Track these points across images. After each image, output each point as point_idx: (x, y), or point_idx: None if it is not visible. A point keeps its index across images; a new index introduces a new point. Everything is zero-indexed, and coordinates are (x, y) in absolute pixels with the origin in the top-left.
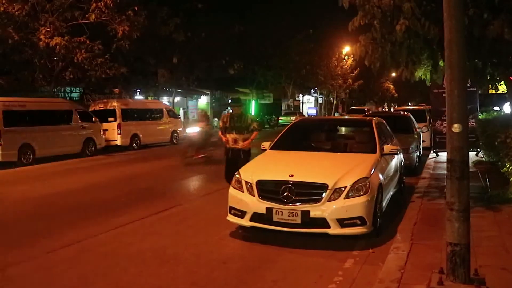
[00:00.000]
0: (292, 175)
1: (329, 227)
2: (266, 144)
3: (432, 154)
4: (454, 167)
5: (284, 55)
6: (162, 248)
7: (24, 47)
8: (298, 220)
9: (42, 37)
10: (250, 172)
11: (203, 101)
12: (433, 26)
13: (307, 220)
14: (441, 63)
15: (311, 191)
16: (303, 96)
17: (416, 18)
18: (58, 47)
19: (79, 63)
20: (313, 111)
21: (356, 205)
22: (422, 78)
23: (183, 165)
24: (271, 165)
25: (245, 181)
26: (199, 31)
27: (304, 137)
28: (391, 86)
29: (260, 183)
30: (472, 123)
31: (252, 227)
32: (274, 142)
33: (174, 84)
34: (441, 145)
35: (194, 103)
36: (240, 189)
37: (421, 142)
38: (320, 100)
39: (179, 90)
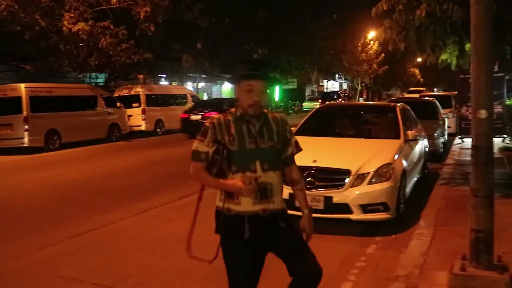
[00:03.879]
0: (315, 161)
1: (351, 212)
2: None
3: (458, 140)
4: (479, 154)
5: (308, 41)
6: (186, 232)
7: (50, 33)
8: (321, 206)
9: (65, 22)
10: None
11: (227, 86)
12: (457, 8)
13: (330, 205)
14: (467, 48)
15: (334, 177)
16: (327, 82)
17: (437, 2)
18: (81, 32)
19: (104, 48)
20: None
21: (379, 191)
22: (448, 63)
23: None
24: None
25: None
26: (223, 17)
27: (328, 122)
28: (417, 71)
29: None
30: (498, 109)
31: None
32: (298, 127)
33: (199, 69)
34: (467, 131)
35: (218, 88)
36: None
37: (446, 128)
38: (345, 86)
39: (203, 76)
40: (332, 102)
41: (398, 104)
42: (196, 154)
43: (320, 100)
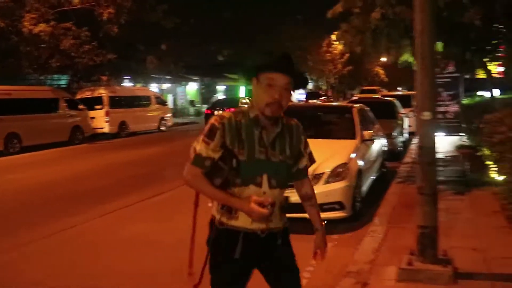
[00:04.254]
0: None
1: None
2: None
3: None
4: (423, 153)
5: (274, 41)
6: (147, 234)
7: (10, 34)
8: None
9: (26, 23)
10: None
11: (193, 87)
12: (409, 11)
13: (287, 205)
14: None
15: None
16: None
17: (391, 5)
18: (42, 34)
19: (66, 50)
20: (303, 97)
21: (334, 191)
22: (409, 63)
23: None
24: None
25: None
26: (188, 18)
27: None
28: (381, 71)
29: None
30: (456, 108)
31: None
32: None
33: (163, 70)
34: None
35: (182, 89)
36: None
37: (406, 127)
38: (310, 86)
39: (168, 77)
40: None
41: (355, 105)
42: (199, 160)
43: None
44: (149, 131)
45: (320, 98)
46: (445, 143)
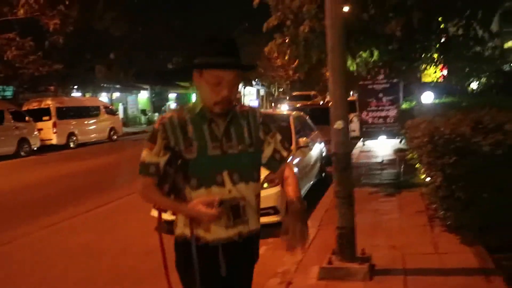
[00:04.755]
0: None
1: None
2: None
3: (360, 143)
4: (338, 159)
5: None
6: (90, 243)
7: None
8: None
9: None
10: None
11: (144, 96)
12: None
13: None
14: (363, 55)
15: None
16: (244, 88)
17: (318, 19)
18: None
19: (10, 60)
20: (255, 103)
21: (269, 196)
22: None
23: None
24: None
25: None
26: (137, 26)
27: None
28: None
29: None
30: (395, 112)
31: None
32: None
33: (113, 79)
34: (368, 134)
35: (133, 98)
36: None
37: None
38: (262, 92)
39: (118, 86)
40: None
41: (293, 113)
42: (143, 167)
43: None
44: (99, 142)
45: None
46: (386, 147)
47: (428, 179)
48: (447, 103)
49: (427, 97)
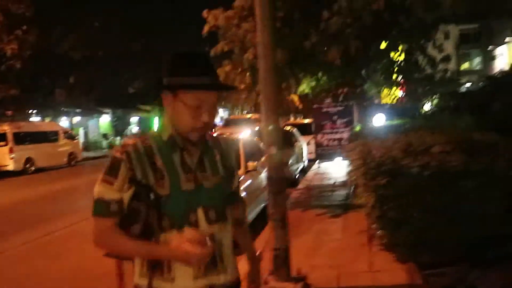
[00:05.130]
0: None
1: None
2: None
3: (316, 165)
4: (272, 183)
5: None
6: (39, 270)
7: None
8: None
9: None
10: None
11: (105, 120)
12: (280, 51)
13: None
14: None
15: None
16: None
17: None
18: None
19: None
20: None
21: None
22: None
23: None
24: None
25: None
26: (97, 49)
27: None
28: (296, 98)
29: None
30: (348, 135)
31: None
32: None
33: (73, 103)
34: (323, 156)
35: (95, 122)
36: None
37: (305, 154)
38: (225, 115)
39: (78, 110)
40: None
41: (243, 137)
42: (101, 206)
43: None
44: (58, 167)
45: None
46: (340, 168)
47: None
48: (395, 125)
49: (378, 120)
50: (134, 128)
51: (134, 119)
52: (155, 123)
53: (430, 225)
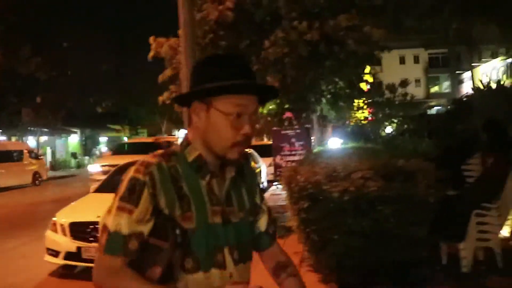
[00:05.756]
0: (99, 216)
1: None
2: (92, 187)
3: (274, 187)
4: None
5: (156, 91)
6: None
7: None
8: None
9: None
10: (65, 215)
11: (75, 139)
12: None
13: None
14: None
15: None
16: (178, 131)
17: None
18: None
19: None
20: None
21: None
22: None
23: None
24: (85, 207)
25: (60, 224)
26: (65, 70)
27: None
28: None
29: (72, 224)
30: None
31: (67, 265)
32: (99, 185)
33: (40, 123)
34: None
35: (63, 142)
36: (56, 231)
37: (264, 175)
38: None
39: (46, 129)
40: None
41: None
42: (117, 242)
43: None
44: (22, 186)
45: None
46: None
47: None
48: (347, 148)
49: (333, 142)
50: (103, 148)
51: (103, 139)
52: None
53: (351, 247)
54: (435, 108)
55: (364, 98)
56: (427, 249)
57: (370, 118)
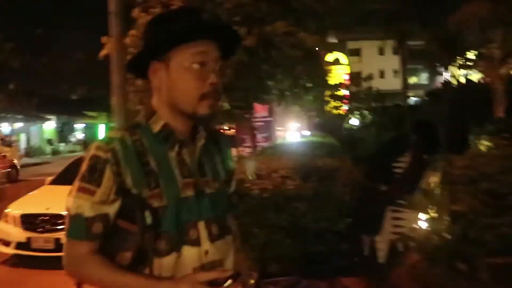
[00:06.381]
0: (49, 208)
1: None
2: (47, 180)
3: None
4: None
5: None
6: None
7: None
8: (52, 246)
9: None
10: (17, 207)
11: (51, 126)
12: None
13: (59, 245)
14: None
15: (62, 221)
16: None
17: None
18: None
19: None
20: None
21: None
22: None
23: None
24: (38, 199)
25: (11, 215)
26: (39, 57)
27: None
28: None
29: (23, 216)
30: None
31: (18, 254)
32: (54, 177)
33: (14, 110)
34: None
35: (36, 128)
36: (7, 222)
37: None
38: None
39: (20, 116)
40: None
41: None
42: (79, 225)
43: None
44: None
45: None
46: None
47: None
48: (301, 142)
49: (293, 135)
50: (79, 135)
51: (79, 125)
52: (101, 130)
53: (271, 240)
54: (413, 99)
55: (339, 90)
56: (349, 242)
57: (344, 109)
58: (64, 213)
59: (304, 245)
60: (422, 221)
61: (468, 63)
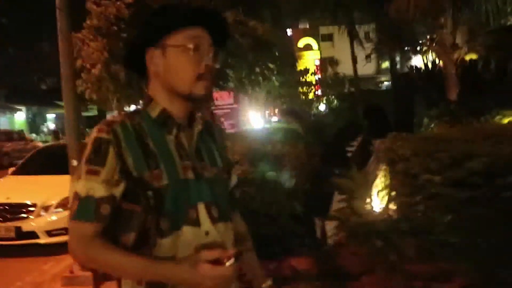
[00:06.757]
0: (9, 197)
1: (38, 238)
2: (10, 170)
3: None
4: None
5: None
6: None
7: None
8: (13, 235)
9: None
10: None
11: (21, 117)
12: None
13: (20, 233)
14: None
15: (23, 210)
16: (129, 107)
17: (107, 65)
18: None
19: None
20: None
21: (62, 218)
22: None
23: None
24: None
25: None
26: (5, 47)
27: (42, 162)
28: None
29: None
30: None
31: None
32: (16, 168)
33: None
34: None
35: (6, 120)
36: None
37: None
38: None
39: None
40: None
41: None
42: (88, 206)
43: None
44: None
45: None
46: None
47: None
48: (262, 129)
49: (256, 122)
50: (50, 125)
51: (50, 115)
52: None
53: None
54: (385, 83)
55: (309, 75)
56: (303, 225)
57: (316, 94)
58: (28, 202)
59: (257, 228)
60: (345, 202)
61: (424, 48)
